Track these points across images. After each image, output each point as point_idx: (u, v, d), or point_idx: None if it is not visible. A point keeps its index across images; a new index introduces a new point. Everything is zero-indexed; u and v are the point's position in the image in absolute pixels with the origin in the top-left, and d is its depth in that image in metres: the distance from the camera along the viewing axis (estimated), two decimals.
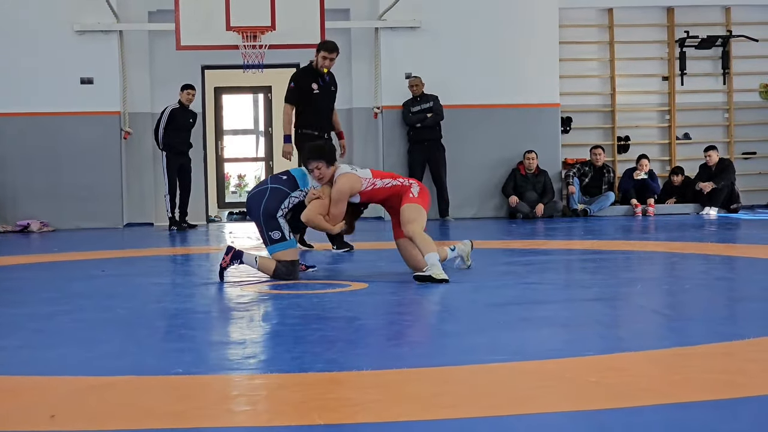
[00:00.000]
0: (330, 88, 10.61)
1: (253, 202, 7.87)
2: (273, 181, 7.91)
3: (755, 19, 17.20)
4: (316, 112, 10.51)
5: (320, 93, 10.48)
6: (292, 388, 4.07)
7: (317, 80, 10.50)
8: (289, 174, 7.93)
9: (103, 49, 15.44)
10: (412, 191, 7.78)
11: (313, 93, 10.45)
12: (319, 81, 10.50)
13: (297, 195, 7.82)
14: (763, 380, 4.03)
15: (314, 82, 10.48)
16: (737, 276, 8.08)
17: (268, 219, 7.76)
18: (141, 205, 15.95)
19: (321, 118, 10.53)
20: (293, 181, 7.84)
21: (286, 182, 7.85)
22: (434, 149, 15.37)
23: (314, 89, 10.46)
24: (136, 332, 5.62)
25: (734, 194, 15.98)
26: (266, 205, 7.74)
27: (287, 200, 7.79)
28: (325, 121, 10.58)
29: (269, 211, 7.75)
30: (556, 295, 6.92)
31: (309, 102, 10.46)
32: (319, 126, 10.50)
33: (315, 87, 10.47)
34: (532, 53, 15.95)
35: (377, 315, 6.25)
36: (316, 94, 10.45)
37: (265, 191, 7.83)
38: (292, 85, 10.49)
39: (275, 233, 7.77)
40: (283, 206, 7.77)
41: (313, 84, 10.47)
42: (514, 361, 4.45)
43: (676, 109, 17.10)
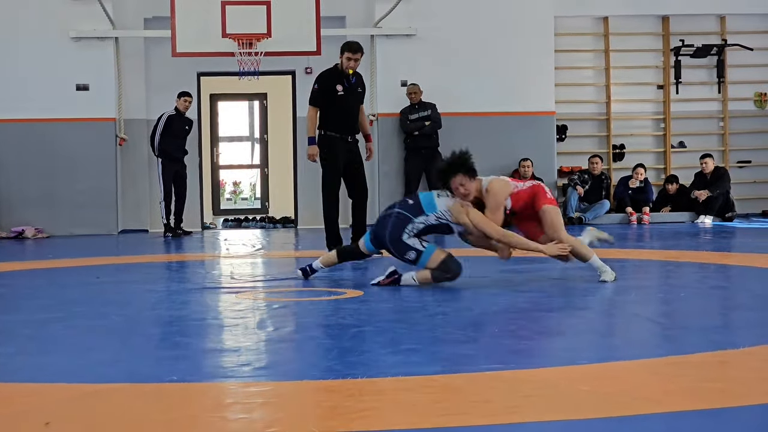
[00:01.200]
0: (356, 89, 10.50)
1: (380, 228, 7.74)
2: (399, 206, 7.75)
3: (750, 28, 17.23)
4: (341, 114, 10.40)
5: (345, 95, 10.37)
6: (287, 396, 4.07)
7: (342, 82, 10.37)
8: (416, 198, 7.75)
9: (99, 55, 15.44)
10: (546, 191, 7.84)
11: (338, 95, 10.34)
12: (344, 82, 10.37)
13: (421, 221, 7.60)
14: (758, 389, 4.03)
15: (339, 83, 10.36)
16: (732, 284, 8.09)
17: (397, 244, 7.61)
18: (136, 212, 15.95)
19: (346, 120, 10.44)
20: (418, 207, 7.65)
21: (410, 208, 7.65)
22: (431, 157, 15.37)
23: (339, 91, 10.35)
24: (130, 339, 5.62)
25: (729, 203, 16.00)
26: (391, 233, 7.61)
27: (411, 225, 7.59)
28: (351, 122, 10.48)
29: (394, 237, 7.61)
30: (551, 303, 6.91)
31: (333, 104, 10.36)
32: (345, 128, 10.43)
33: (340, 89, 10.35)
34: (528, 61, 15.97)
35: (373, 322, 6.25)
36: (340, 96, 10.35)
37: (389, 216, 7.69)
38: (316, 87, 10.41)
39: (410, 254, 7.59)
40: (407, 230, 7.59)
41: (338, 86, 10.36)
42: (508, 370, 4.45)
43: (671, 117, 17.12)
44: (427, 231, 7.64)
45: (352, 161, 10.52)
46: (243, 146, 22.73)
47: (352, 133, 10.50)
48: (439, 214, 7.62)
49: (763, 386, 4.09)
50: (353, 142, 10.53)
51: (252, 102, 21.64)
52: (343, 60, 10.32)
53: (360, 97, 10.60)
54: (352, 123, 10.49)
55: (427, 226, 7.62)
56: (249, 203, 23.33)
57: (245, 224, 17.27)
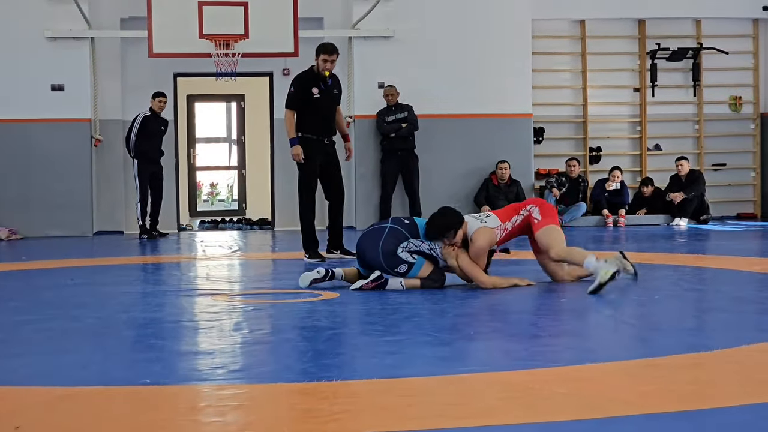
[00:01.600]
0: (332, 91, 10.49)
1: (368, 242, 7.71)
2: (394, 222, 7.76)
3: (725, 32, 17.31)
4: (318, 116, 10.37)
5: (321, 97, 10.35)
6: (261, 398, 4.06)
7: (318, 84, 10.36)
8: (413, 220, 7.78)
9: (75, 55, 15.37)
10: (534, 216, 7.82)
11: (314, 97, 10.32)
12: (320, 85, 10.36)
13: (416, 243, 7.61)
14: (732, 391, 4.04)
15: (315, 86, 10.35)
16: (707, 287, 8.12)
17: (389, 257, 7.56)
18: (111, 213, 15.87)
19: (323, 121, 10.41)
20: (415, 229, 7.67)
21: (407, 226, 7.68)
22: (407, 159, 15.37)
23: (315, 93, 10.32)
24: (104, 342, 5.59)
25: (704, 205, 16.07)
26: (383, 248, 7.57)
27: (406, 243, 7.59)
28: (328, 124, 10.47)
29: (388, 249, 7.57)
30: (526, 305, 6.92)
31: (310, 106, 10.34)
32: (321, 130, 10.41)
33: (316, 91, 10.33)
34: (506, 63, 15.99)
35: (348, 325, 6.24)
36: (317, 99, 10.32)
37: (382, 230, 7.68)
38: (293, 89, 10.38)
39: (401, 267, 7.58)
40: (401, 246, 7.58)
41: (314, 88, 10.33)
42: (482, 372, 4.44)
43: (647, 120, 17.18)
44: (417, 253, 7.66)
45: (329, 163, 10.50)
46: (220, 148, 22.68)
47: (329, 135, 10.49)
48: (432, 246, 7.66)
49: (736, 388, 4.10)
50: (330, 144, 10.52)
51: (229, 103, 21.58)
52: (319, 62, 10.30)
53: (337, 98, 10.58)
54: (328, 125, 10.48)
55: (419, 250, 7.65)
56: (226, 205, 23.29)
57: (222, 226, 17.23)
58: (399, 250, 7.59)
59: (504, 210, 8.03)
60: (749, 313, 6.43)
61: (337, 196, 10.62)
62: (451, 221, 7.60)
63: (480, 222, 7.75)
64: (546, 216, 7.86)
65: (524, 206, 7.96)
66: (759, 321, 6.06)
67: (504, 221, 7.82)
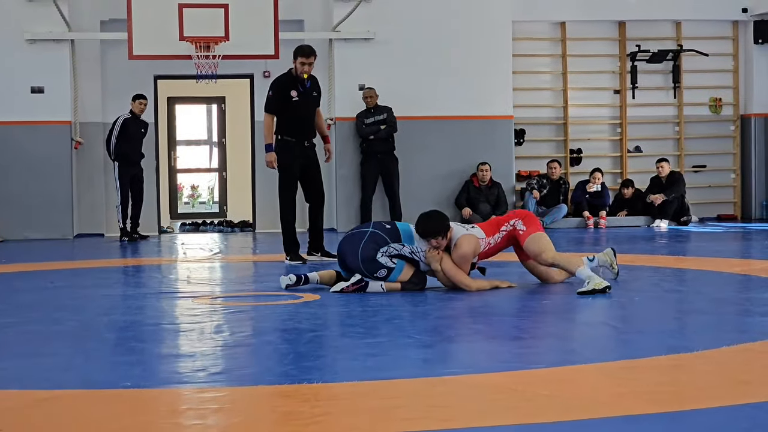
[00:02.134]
0: (311, 93, 10.39)
1: (348, 246, 7.69)
2: (374, 226, 7.77)
3: (705, 34, 17.36)
4: (297, 119, 10.30)
5: (300, 100, 10.25)
6: (242, 401, 4.05)
7: (296, 87, 10.26)
8: (394, 225, 7.79)
9: (55, 58, 15.30)
10: (519, 229, 7.81)
11: (293, 101, 10.23)
12: (298, 87, 10.26)
13: (397, 247, 7.61)
14: (711, 393, 4.06)
15: (293, 89, 10.25)
16: (687, 288, 8.15)
17: (369, 262, 7.57)
18: (91, 216, 15.81)
19: (302, 124, 10.35)
20: (396, 233, 7.68)
21: (388, 231, 7.68)
22: (387, 161, 15.36)
23: (293, 96, 10.23)
24: (84, 345, 5.57)
25: (684, 207, 16.12)
26: (363, 253, 7.56)
27: (386, 247, 7.59)
28: (307, 127, 10.41)
29: (367, 255, 7.56)
30: (508, 307, 6.93)
31: (288, 109, 10.24)
32: (301, 133, 10.34)
33: (294, 94, 10.24)
34: (486, 65, 16.00)
35: (329, 327, 6.24)
36: (295, 102, 10.24)
37: (363, 234, 7.67)
38: (271, 93, 10.30)
39: (381, 272, 7.59)
40: (381, 251, 7.57)
41: (292, 91, 10.24)
42: (466, 374, 4.45)
43: (627, 122, 17.21)
44: (398, 257, 7.67)
45: (309, 166, 10.45)
46: (201, 150, 22.61)
47: (308, 138, 10.43)
48: (415, 249, 7.66)
49: (716, 390, 4.12)
50: (310, 147, 10.46)
51: (210, 105, 21.52)
52: (297, 65, 10.25)
53: (316, 100, 10.50)
54: (308, 128, 10.43)
55: (399, 253, 7.65)
56: (207, 207, 23.22)
57: (203, 228, 17.19)
58: (379, 255, 7.59)
59: (488, 224, 8.02)
60: (729, 314, 6.46)
61: (317, 198, 10.57)
62: (439, 225, 7.61)
63: (465, 230, 7.77)
64: (530, 225, 7.85)
65: (507, 221, 7.93)
66: (739, 322, 6.08)
67: (488, 236, 7.81)
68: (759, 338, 5.28)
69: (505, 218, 7.97)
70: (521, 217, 7.94)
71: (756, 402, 3.85)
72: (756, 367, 4.65)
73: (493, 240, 7.82)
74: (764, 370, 4.57)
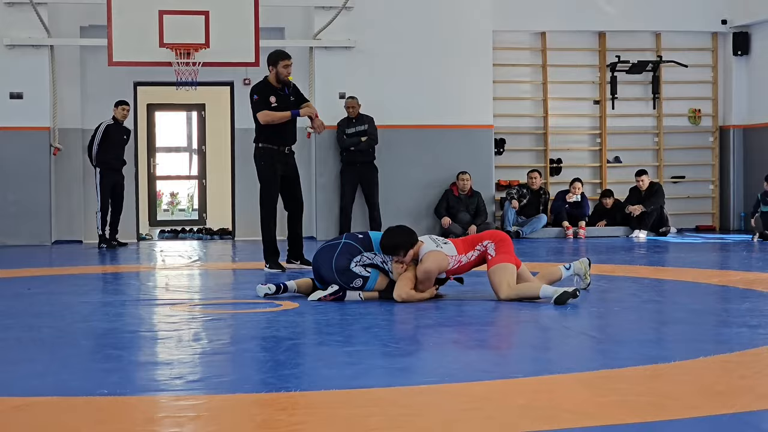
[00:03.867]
0: (289, 99, 10.35)
1: (322, 258, 7.72)
2: (347, 237, 7.82)
3: (685, 45, 17.45)
4: (277, 126, 10.27)
5: (279, 106, 10.23)
6: (219, 409, 4.04)
7: (275, 93, 10.27)
8: (367, 235, 7.83)
9: (34, 63, 15.24)
10: (489, 253, 7.76)
11: (272, 107, 10.22)
12: (278, 93, 10.27)
13: (369, 256, 7.66)
14: (689, 403, 4.07)
15: (272, 95, 10.27)
16: (665, 299, 8.17)
17: (343, 273, 7.59)
18: (70, 223, 15.75)
19: (282, 131, 10.33)
20: (368, 243, 7.73)
21: (360, 241, 7.73)
22: (367, 170, 15.36)
23: (272, 102, 10.23)
24: (61, 352, 5.54)
25: (663, 217, 16.18)
26: (337, 264, 7.59)
27: (359, 257, 7.64)
28: (287, 134, 10.40)
29: (341, 266, 7.59)
30: (486, 317, 6.93)
31: None
32: (280, 140, 10.33)
33: (273, 100, 10.24)
34: (467, 75, 16.03)
35: (307, 335, 6.22)
36: (274, 108, 10.22)
37: (336, 246, 7.71)
38: (257, 97, 10.27)
39: (356, 281, 7.62)
40: (355, 260, 7.61)
41: (272, 97, 10.25)
42: (443, 383, 4.44)
43: (607, 132, 17.27)
44: (371, 266, 7.69)
45: (288, 173, 10.44)
46: (181, 157, 22.57)
47: (288, 145, 10.42)
48: (385, 259, 7.70)
49: (694, 400, 4.13)
50: (290, 154, 10.46)
51: (190, 113, 21.49)
52: (279, 69, 10.23)
53: (294, 106, 10.40)
54: (287, 134, 10.41)
55: (372, 262, 7.69)
56: (186, 214, 23.18)
57: (182, 235, 17.14)
58: (352, 264, 7.62)
59: (462, 241, 7.98)
60: (707, 324, 6.48)
61: (296, 206, 10.55)
62: (401, 241, 7.62)
63: (436, 246, 7.74)
64: (500, 252, 7.74)
65: (481, 241, 7.88)
66: (717, 333, 6.10)
67: (460, 253, 7.78)
68: (736, 349, 5.30)
69: (480, 237, 7.90)
70: (496, 240, 7.81)
71: (733, 412, 3.86)
72: (733, 377, 4.67)
73: (465, 258, 7.77)
74: (741, 380, 4.58)
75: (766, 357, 5.14)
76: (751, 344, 5.47)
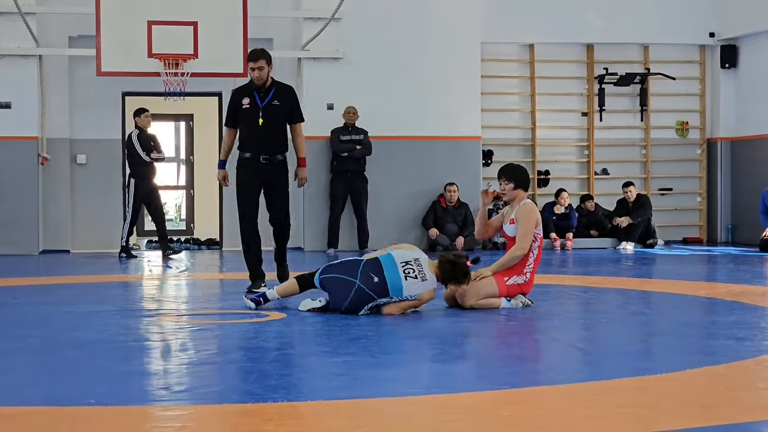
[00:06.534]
0: (272, 102, 9.20)
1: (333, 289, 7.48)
2: (361, 279, 7.42)
3: (673, 58, 17.50)
4: (251, 132, 9.17)
5: (251, 109, 9.16)
6: (206, 420, 4.03)
7: (251, 95, 9.18)
8: (382, 276, 7.40)
9: (22, 73, 15.22)
10: None
11: (243, 108, 9.19)
12: (253, 95, 9.18)
13: (384, 301, 7.40)
14: (676, 414, 4.07)
15: (247, 96, 9.21)
16: (652, 311, 8.19)
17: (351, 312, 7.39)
18: (57, 232, 15.71)
19: (257, 138, 9.16)
20: (384, 287, 7.38)
21: (375, 286, 7.39)
22: (357, 180, 15.35)
23: (244, 104, 9.19)
24: (48, 362, 5.53)
25: (651, 229, 16.21)
26: (349, 307, 7.38)
27: (372, 303, 7.39)
28: (264, 141, 9.18)
29: (351, 309, 7.39)
30: (473, 328, 6.93)
31: (242, 120, 9.23)
32: (255, 147, 9.18)
33: (246, 102, 9.19)
34: (455, 86, 16.05)
35: (294, 346, 6.22)
36: (245, 110, 9.17)
37: (350, 287, 7.39)
38: (228, 104, 9.45)
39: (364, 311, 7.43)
40: (367, 307, 7.39)
41: (245, 99, 9.20)
42: (430, 394, 4.44)
43: (594, 144, 17.31)
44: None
45: (268, 185, 9.30)
46: (168, 167, 22.54)
47: (266, 153, 9.21)
48: (404, 297, 7.43)
49: (680, 412, 4.13)
50: (269, 164, 9.23)
51: (178, 123, 21.48)
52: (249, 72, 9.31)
53: (278, 111, 9.27)
54: (265, 141, 9.20)
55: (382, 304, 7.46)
56: (174, 224, 23.15)
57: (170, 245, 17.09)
58: (363, 310, 7.41)
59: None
60: (694, 337, 6.49)
61: (278, 222, 9.41)
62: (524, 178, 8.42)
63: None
64: None
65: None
66: (704, 345, 6.11)
67: None
68: (723, 361, 5.31)
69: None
70: None
71: (719, 424, 3.86)
72: (720, 389, 4.68)
73: None
74: (728, 392, 4.59)
75: (752, 369, 5.15)
76: (738, 356, 5.48)
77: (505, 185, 8.15)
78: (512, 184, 8.15)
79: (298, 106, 9.51)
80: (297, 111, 9.45)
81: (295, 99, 9.49)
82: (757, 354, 5.56)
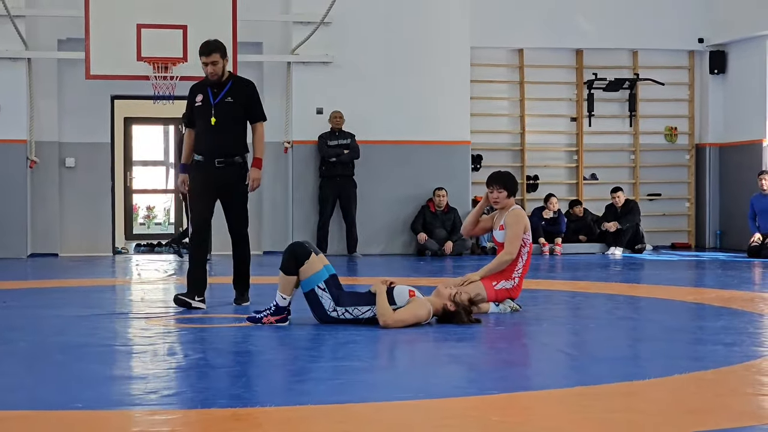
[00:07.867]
0: (225, 99, 8.36)
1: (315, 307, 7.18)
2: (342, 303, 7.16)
3: (662, 63, 17.53)
4: (204, 131, 8.37)
5: (203, 106, 8.38)
6: (193, 424, 4.02)
7: (205, 91, 8.41)
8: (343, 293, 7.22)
9: (11, 76, 15.18)
10: None
11: (195, 106, 8.44)
12: (207, 92, 8.40)
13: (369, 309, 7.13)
14: (663, 419, 4.08)
15: (200, 93, 8.44)
16: (641, 316, 8.20)
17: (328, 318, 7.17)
18: (46, 236, 15.65)
19: (211, 138, 8.35)
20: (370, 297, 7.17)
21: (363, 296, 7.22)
22: (346, 185, 15.35)
23: (197, 102, 8.42)
24: (35, 366, 5.51)
25: (639, 235, 16.23)
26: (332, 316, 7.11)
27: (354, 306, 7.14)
28: (218, 142, 8.35)
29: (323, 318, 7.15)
30: (461, 333, 6.93)
31: (195, 119, 8.50)
32: (208, 149, 8.38)
33: (199, 99, 8.41)
34: (444, 91, 16.05)
35: (282, 350, 6.21)
36: (198, 108, 8.41)
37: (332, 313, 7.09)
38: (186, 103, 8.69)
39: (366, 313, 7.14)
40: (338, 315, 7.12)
41: (198, 96, 8.43)
42: (418, 399, 4.44)
43: (583, 149, 17.33)
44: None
45: (224, 191, 8.48)
46: (157, 171, 22.53)
47: (220, 156, 8.37)
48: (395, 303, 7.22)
49: (668, 417, 4.14)
50: (225, 167, 8.39)
51: (167, 126, 21.46)
52: None
53: (232, 109, 8.41)
54: (218, 143, 8.36)
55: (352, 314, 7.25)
56: (163, 228, 23.12)
57: (158, 249, 17.09)
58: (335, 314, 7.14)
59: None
60: (682, 342, 6.50)
61: (235, 232, 8.65)
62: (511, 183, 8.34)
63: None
64: None
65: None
66: (692, 350, 6.12)
67: None
68: (711, 366, 5.32)
69: None
70: None
71: (707, 429, 3.87)
72: (708, 395, 4.68)
73: None
74: (716, 398, 4.60)
75: (740, 375, 5.16)
76: (726, 362, 5.49)
77: (499, 193, 8.15)
78: (506, 192, 8.18)
79: (258, 103, 8.60)
80: (256, 109, 8.55)
81: (255, 95, 8.61)
82: (745, 359, 5.57)
